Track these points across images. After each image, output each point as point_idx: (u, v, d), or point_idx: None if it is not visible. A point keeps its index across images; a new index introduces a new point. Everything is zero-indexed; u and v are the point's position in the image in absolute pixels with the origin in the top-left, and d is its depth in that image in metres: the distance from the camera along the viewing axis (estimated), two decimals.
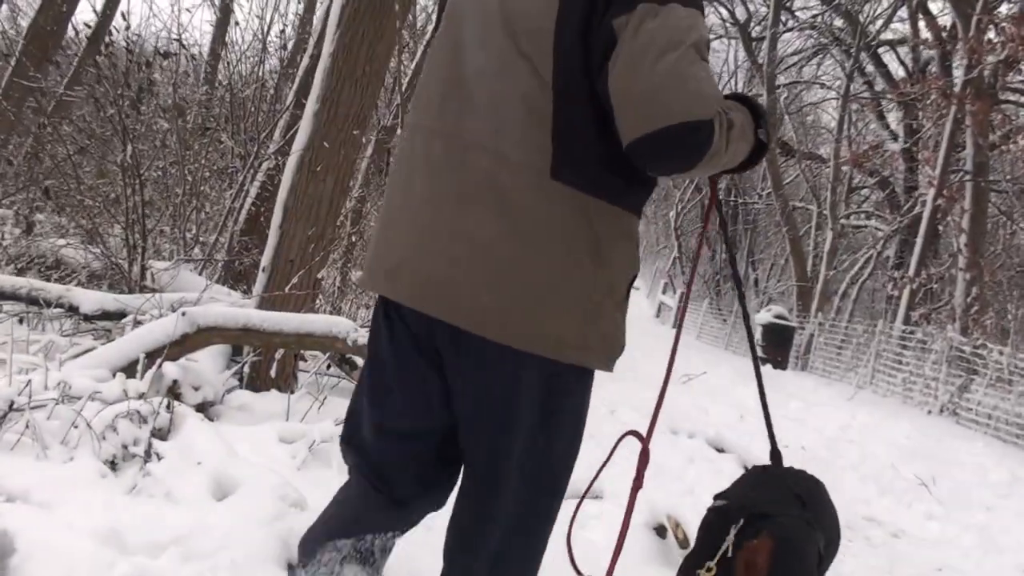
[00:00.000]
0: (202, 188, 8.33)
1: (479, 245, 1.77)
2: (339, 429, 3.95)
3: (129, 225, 6.60)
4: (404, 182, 1.95)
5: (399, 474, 2.03)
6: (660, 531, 3.93)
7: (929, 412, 12.69)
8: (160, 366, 4.12)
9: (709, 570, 2.12)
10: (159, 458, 3.25)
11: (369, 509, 2.06)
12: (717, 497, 2.34)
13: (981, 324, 13.83)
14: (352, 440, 2.10)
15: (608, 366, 1.90)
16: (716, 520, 2.25)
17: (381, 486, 2.04)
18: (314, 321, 4.56)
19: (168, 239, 8.17)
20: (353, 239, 11.83)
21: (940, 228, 17.22)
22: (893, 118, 24.17)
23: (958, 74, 16.47)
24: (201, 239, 8.16)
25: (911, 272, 15.69)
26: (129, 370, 4.27)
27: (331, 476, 3.77)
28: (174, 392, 4.21)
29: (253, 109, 8.57)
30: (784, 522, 2.16)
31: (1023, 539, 5.73)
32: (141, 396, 4.01)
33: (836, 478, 6.39)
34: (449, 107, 1.88)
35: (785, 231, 23.48)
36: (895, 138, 22.50)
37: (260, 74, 10.24)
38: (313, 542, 2.06)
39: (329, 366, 5.88)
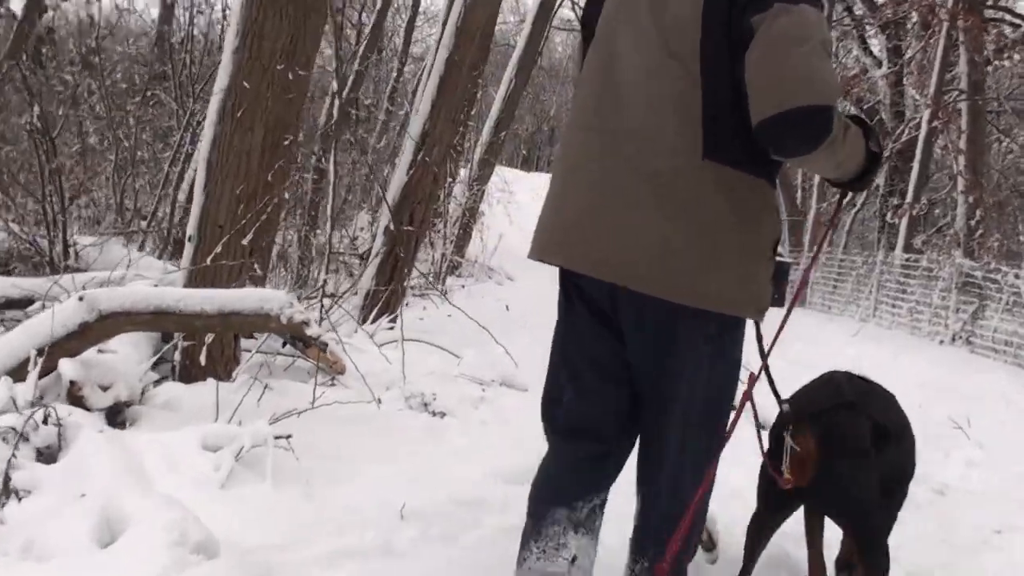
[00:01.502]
0: (139, 153, 7.48)
1: (646, 220, 2.07)
2: (275, 429, 3.20)
3: (45, 197, 5.76)
4: (568, 172, 2.25)
5: (596, 427, 2.34)
6: None
7: (941, 342, 12.01)
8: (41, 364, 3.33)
9: (783, 473, 2.48)
10: (19, 497, 2.47)
11: (574, 471, 2.36)
12: (782, 403, 2.58)
13: (988, 247, 13.12)
14: (553, 405, 2.40)
15: (760, 316, 2.23)
16: (777, 425, 2.57)
17: (581, 442, 2.35)
18: (243, 298, 3.76)
19: (104, 210, 7.34)
20: (316, 198, 11.01)
21: (938, 151, 16.45)
22: (876, 44, 23.30)
23: None
24: (141, 209, 7.34)
25: (909, 198, 14.94)
26: (20, 371, 3.50)
27: (264, 491, 3.02)
28: (73, 395, 3.44)
29: (188, 60, 7.68)
30: (826, 419, 2.51)
31: None
32: (32, 404, 3.25)
33: None
34: (605, 108, 2.18)
35: None
36: (879, 64, 21.64)
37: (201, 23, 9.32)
38: (535, 516, 2.34)
39: (285, 343, 5.12)
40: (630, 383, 2.30)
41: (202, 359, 4.07)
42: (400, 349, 6.03)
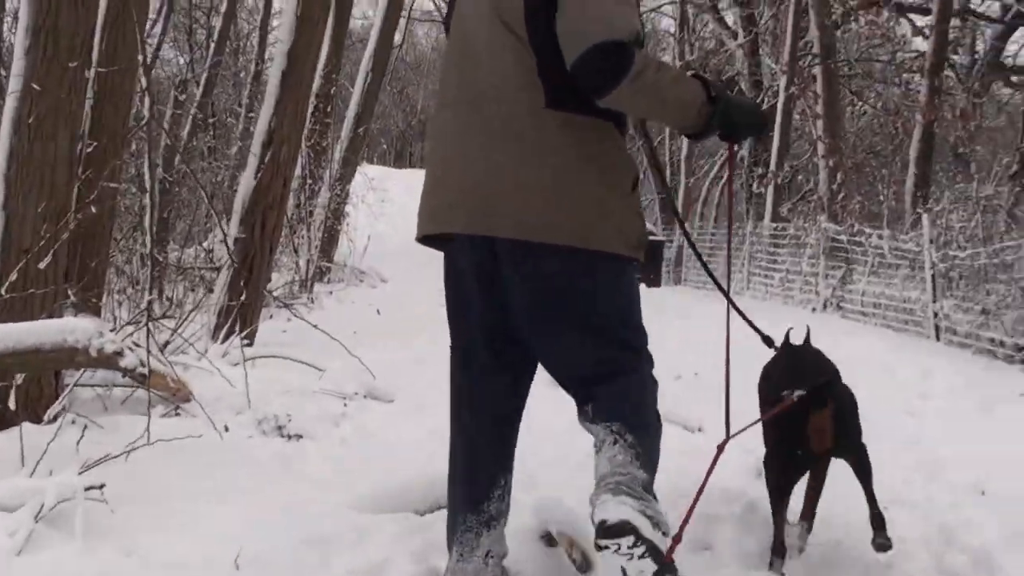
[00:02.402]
0: None
1: (506, 171, 2.30)
2: (88, 478, 2.77)
3: None
4: (440, 146, 2.47)
5: (496, 398, 2.53)
6: (548, 539, 2.91)
7: (813, 309, 12.14)
8: None
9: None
10: None
11: (479, 457, 2.55)
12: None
13: (850, 211, 13.34)
14: (461, 376, 2.58)
15: (633, 252, 2.38)
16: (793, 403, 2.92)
17: (483, 417, 2.54)
18: (40, 331, 3.29)
19: None
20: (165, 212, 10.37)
21: (797, 118, 16.71)
22: (731, 15, 23.64)
23: None
24: None
25: (772, 166, 15.12)
26: None
27: (71, 553, 2.59)
28: None
29: None
30: (833, 391, 2.95)
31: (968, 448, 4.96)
32: None
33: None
34: (463, 82, 2.43)
35: (641, 144, 22.76)
36: (735, 35, 21.94)
37: None
38: (451, 522, 2.55)
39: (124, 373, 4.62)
40: (524, 346, 2.47)
41: (11, 403, 3.58)
42: (254, 367, 5.63)
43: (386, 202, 32.50)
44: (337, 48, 13.05)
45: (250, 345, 6.58)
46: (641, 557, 2.07)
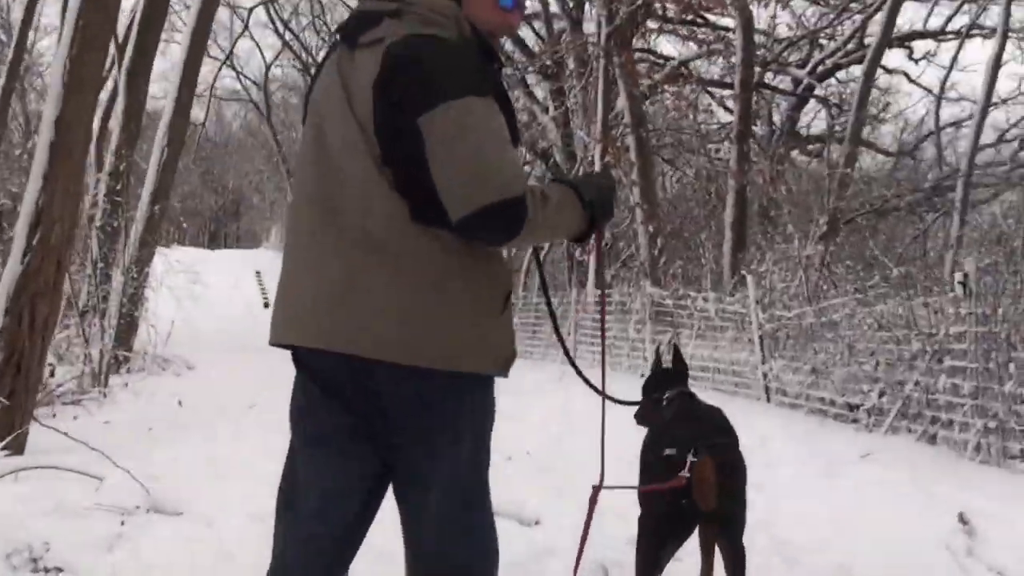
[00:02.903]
0: None
1: (367, 287, 2.04)
2: None
3: None
4: (296, 249, 2.21)
5: (337, 518, 2.22)
6: None
7: (642, 375, 11.89)
8: None
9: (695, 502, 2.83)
10: None
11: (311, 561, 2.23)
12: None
13: (672, 274, 13.33)
14: (288, 498, 2.29)
15: (501, 371, 2.16)
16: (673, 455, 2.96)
17: (320, 540, 2.22)
18: None
19: None
20: None
21: None
22: (541, 91, 23.90)
23: (596, 29, 16.04)
24: None
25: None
26: None
27: None
28: None
29: None
30: (719, 449, 2.97)
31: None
32: None
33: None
34: (321, 179, 2.16)
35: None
36: (545, 109, 22.14)
37: None
38: None
39: None
40: (374, 465, 2.22)
41: None
42: (16, 481, 4.77)
43: (198, 284, 31.16)
44: (129, 122, 12.17)
45: (19, 454, 5.69)
46: None
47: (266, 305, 28.79)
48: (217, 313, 25.58)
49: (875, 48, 15.73)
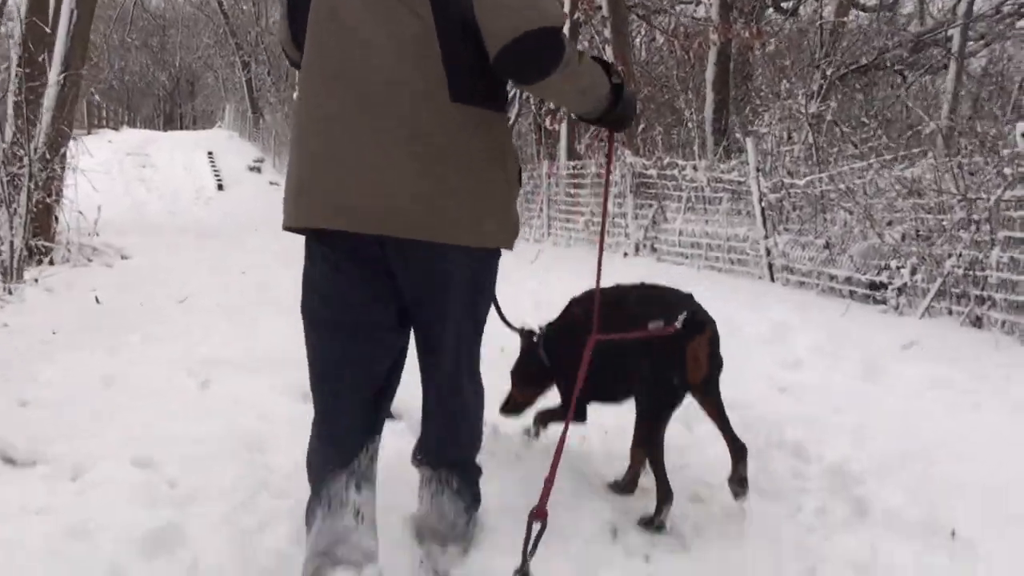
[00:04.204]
0: None
1: (410, 174, 2.17)
2: None
3: None
4: (319, 126, 2.25)
5: (370, 379, 2.47)
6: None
7: (625, 254, 10.77)
8: None
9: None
10: None
11: (348, 427, 2.48)
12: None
13: (651, 141, 12.06)
14: (324, 365, 2.48)
15: (512, 246, 2.44)
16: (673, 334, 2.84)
17: (356, 395, 2.47)
18: None
19: None
20: None
21: (585, 45, 15.30)
22: None
23: None
24: None
25: None
26: None
27: None
28: None
29: None
30: (705, 318, 2.95)
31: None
32: None
33: None
34: (348, 63, 2.21)
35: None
36: None
37: None
38: (317, 482, 2.45)
39: None
40: (401, 328, 2.47)
41: None
42: None
43: (148, 167, 29.51)
44: None
45: None
46: None
47: (220, 187, 27.36)
48: (166, 197, 24.21)
49: None
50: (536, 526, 2.35)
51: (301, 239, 2.44)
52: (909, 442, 3.41)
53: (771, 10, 21.73)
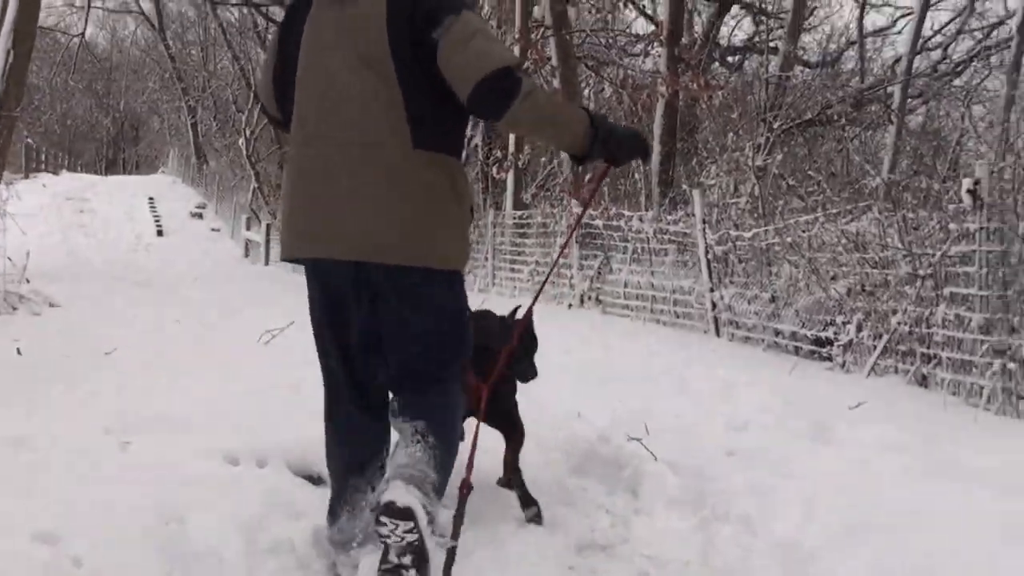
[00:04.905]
0: None
1: (381, 208, 2.61)
2: None
3: None
4: (307, 178, 2.73)
5: (370, 396, 2.87)
6: None
7: (570, 306, 10.64)
8: None
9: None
10: None
11: (361, 442, 2.87)
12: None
13: (598, 192, 11.96)
14: (333, 390, 2.92)
15: (464, 265, 2.83)
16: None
17: (362, 402, 2.87)
18: None
19: None
20: None
21: None
22: None
23: None
24: None
25: (512, 148, 13.58)
26: None
27: None
28: None
29: None
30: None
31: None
32: None
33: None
34: (326, 118, 2.68)
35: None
36: None
37: None
38: (338, 486, 2.89)
39: None
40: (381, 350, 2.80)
41: None
42: None
43: (86, 212, 28.88)
44: None
45: None
46: (409, 545, 2.43)
47: (159, 233, 26.89)
48: (104, 243, 23.71)
49: None
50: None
51: (240, 290, 2.80)
52: (864, 514, 3.24)
53: (717, 64, 22.09)
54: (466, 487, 2.74)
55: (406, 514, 2.43)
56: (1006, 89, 14.90)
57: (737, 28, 25.35)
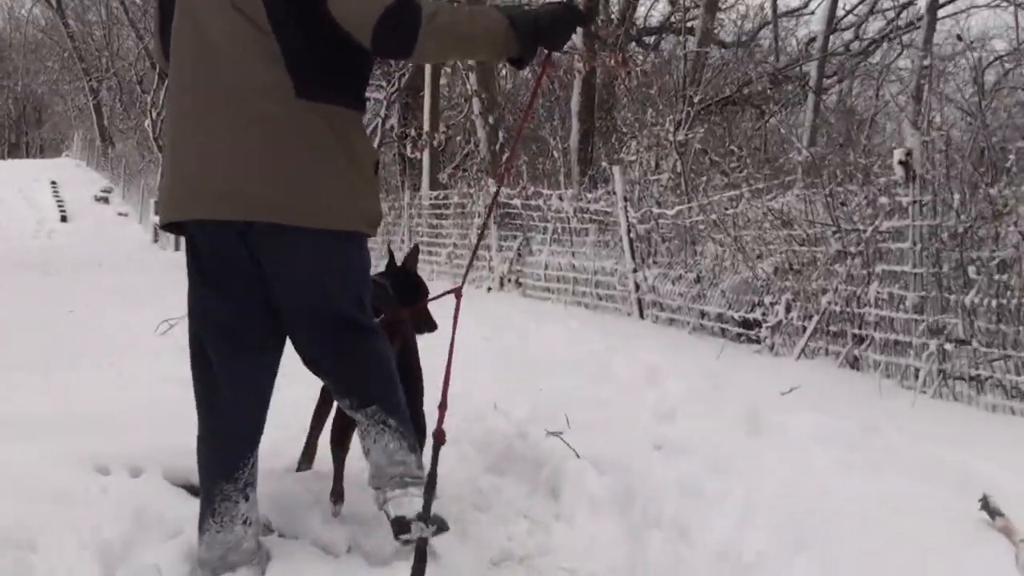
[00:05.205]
0: None
1: (258, 159, 2.36)
2: None
3: None
4: (182, 136, 2.47)
5: (248, 386, 2.62)
6: None
7: (489, 289, 10.27)
8: None
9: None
10: None
11: (232, 428, 2.62)
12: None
13: (516, 170, 11.65)
14: (203, 371, 2.61)
15: (372, 231, 2.59)
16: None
17: (242, 386, 2.61)
18: None
19: None
20: None
21: (447, 71, 14.86)
22: None
23: None
24: None
25: (426, 127, 13.13)
26: None
27: None
28: None
29: None
30: None
31: None
32: None
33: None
34: (201, 69, 2.43)
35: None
36: None
37: None
38: (207, 494, 2.61)
39: None
40: (274, 325, 2.57)
41: None
42: None
43: None
44: None
45: None
46: (434, 530, 2.52)
47: (63, 219, 25.81)
48: (3, 229, 22.59)
49: None
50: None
51: (145, 278, 2.39)
52: (806, 514, 2.94)
53: (634, 44, 21.91)
54: (440, 439, 2.70)
55: (421, 518, 2.51)
56: (919, 65, 14.98)
57: (652, 9, 25.26)
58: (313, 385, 3.04)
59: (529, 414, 4.27)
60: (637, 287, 7.73)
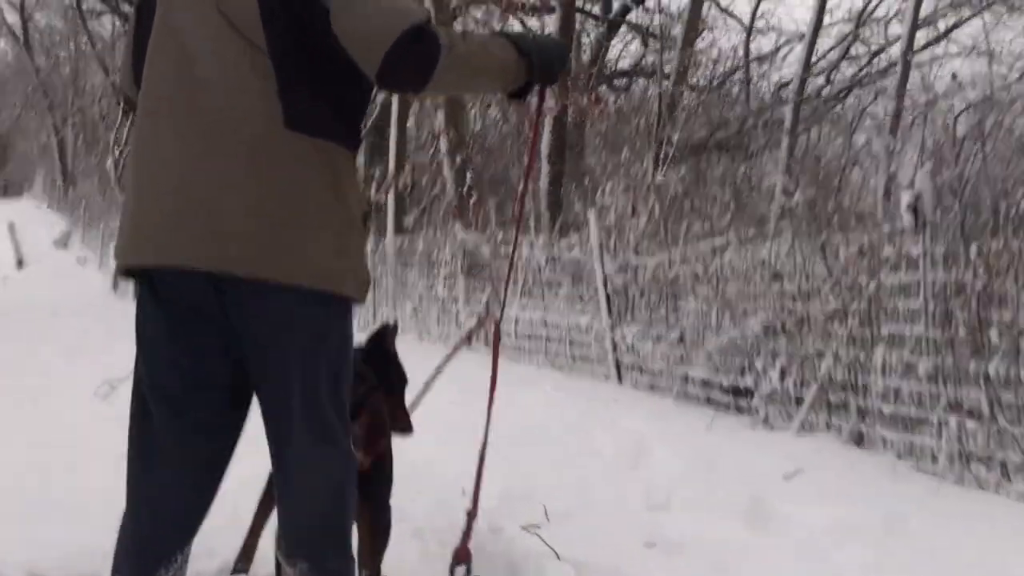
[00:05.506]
0: None
1: (236, 198, 2.02)
2: None
3: None
4: (148, 163, 2.14)
5: (195, 452, 2.21)
6: None
7: (456, 346, 9.69)
8: None
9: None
10: None
11: (165, 509, 2.22)
12: None
13: (483, 216, 11.18)
14: (142, 435, 2.22)
15: (360, 293, 2.18)
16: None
17: (186, 459, 2.21)
18: None
19: None
20: None
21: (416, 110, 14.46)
22: None
23: None
24: None
25: (391, 168, 12.65)
26: None
27: None
28: None
29: None
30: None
31: None
32: None
33: None
34: (180, 91, 2.10)
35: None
36: None
37: None
38: None
39: None
40: (235, 408, 2.25)
41: None
42: None
43: None
44: None
45: None
46: None
47: (20, 264, 25.14)
48: None
49: None
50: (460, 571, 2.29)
51: (98, 329, 1.78)
52: None
53: (605, 87, 21.72)
54: (464, 560, 2.45)
55: None
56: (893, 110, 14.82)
57: (624, 52, 25.11)
58: (263, 463, 2.40)
59: (501, 501, 3.82)
60: (615, 347, 7.18)
